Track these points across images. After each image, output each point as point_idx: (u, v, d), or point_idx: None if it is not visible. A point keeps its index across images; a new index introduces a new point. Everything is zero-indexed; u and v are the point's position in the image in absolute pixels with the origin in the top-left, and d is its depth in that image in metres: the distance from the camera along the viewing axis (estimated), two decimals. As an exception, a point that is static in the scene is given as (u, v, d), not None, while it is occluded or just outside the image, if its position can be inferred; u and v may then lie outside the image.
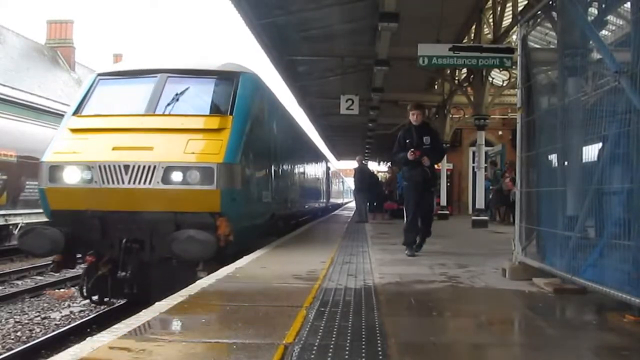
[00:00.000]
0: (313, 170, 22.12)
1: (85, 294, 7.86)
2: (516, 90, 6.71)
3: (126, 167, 7.31)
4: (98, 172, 7.37)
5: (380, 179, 24.56)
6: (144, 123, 7.82)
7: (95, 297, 8.01)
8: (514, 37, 14.04)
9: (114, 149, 7.51)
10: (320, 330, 3.67)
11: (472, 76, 16.97)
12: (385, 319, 4.02)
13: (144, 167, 7.28)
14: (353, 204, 26.17)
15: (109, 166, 7.35)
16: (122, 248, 7.33)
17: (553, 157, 5.45)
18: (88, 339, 3.55)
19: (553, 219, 5.21)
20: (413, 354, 3.33)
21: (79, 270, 9.71)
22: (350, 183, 24.04)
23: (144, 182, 7.27)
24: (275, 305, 4.61)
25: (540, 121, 5.75)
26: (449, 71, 18.83)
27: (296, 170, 15.96)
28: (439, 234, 10.72)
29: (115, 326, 3.78)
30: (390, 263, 7.36)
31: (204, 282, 5.55)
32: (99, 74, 8.98)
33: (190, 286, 5.29)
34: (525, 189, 6.01)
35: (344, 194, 51.07)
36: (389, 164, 39.22)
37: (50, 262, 8.35)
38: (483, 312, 4.69)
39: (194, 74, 8.70)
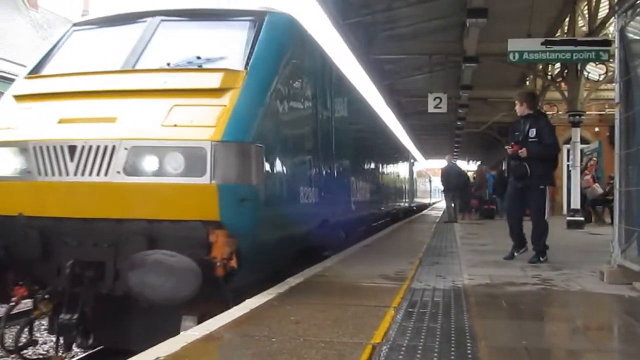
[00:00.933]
0: (392, 166, 18.69)
1: (10, 346, 5.31)
2: (614, 84, 6.40)
3: (72, 148, 4.87)
4: (33, 157, 4.98)
5: (470, 179, 24.07)
6: (110, 83, 5.37)
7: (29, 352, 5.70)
8: (611, 28, 13.41)
9: (60, 121, 5.12)
10: (409, 331, 3.66)
11: (566, 71, 16.33)
12: (476, 321, 3.95)
13: (97, 148, 4.81)
14: (441, 204, 25.62)
15: (48, 148, 4.93)
16: (67, 275, 4.85)
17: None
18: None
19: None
20: (504, 358, 3.26)
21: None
22: (438, 182, 23.17)
23: (97, 173, 4.80)
24: (363, 304, 4.62)
25: (640, 116, 5.47)
26: (541, 66, 18.24)
27: (365, 163, 12.72)
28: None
29: (209, 321, 3.92)
30: (480, 264, 7.21)
31: (293, 280, 5.64)
32: (74, 24, 6.63)
33: (280, 284, 5.37)
34: (624, 187, 5.73)
35: (431, 193, 50.21)
36: (478, 162, 38.47)
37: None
38: (579, 317, 4.51)
39: (197, 16, 6.25)
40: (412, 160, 27.46)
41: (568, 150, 20.08)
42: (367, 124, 13.11)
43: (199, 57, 5.55)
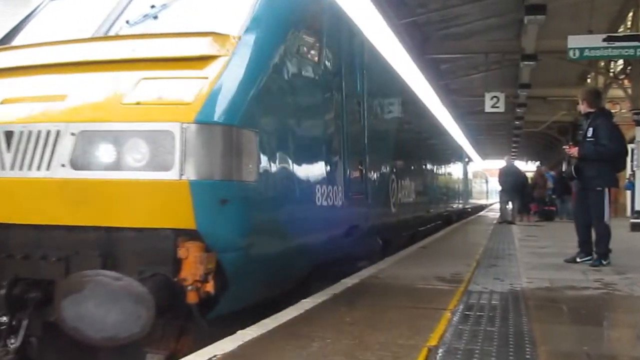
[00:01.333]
0: (444, 165, 17.16)
1: None
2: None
3: (8, 135, 3.90)
4: None
5: (528, 179, 23.54)
6: (69, 54, 4.30)
7: None
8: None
9: (2, 102, 4.14)
10: (465, 335, 3.62)
11: (629, 67, 15.83)
12: (535, 326, 3.87)
13: (38, 134, 3.83)
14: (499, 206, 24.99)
15: None
16: (4, 297, 3.84)
17: None
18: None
19: None
20: (565, 364, 3.19)
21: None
22: (496, 183, 22.38)
23: (38, 166, 3.82)
24: (419, 306, 4.59)
25: None
26: (602, 63, 17.72)
27: (410, 161, 11.00)
28: (593, 237, 10.09)
29: (265, 321, 3.97)
30: (539, 267, 7.05)
31: (348, 281, 5.64)
32: None
33: (335, 285, 5.38)
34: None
35: (488, 194, 49.25)
36: (537, 163, 37.64)
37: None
38: (644, 323, 4.36)
39: None
40: (467, 160, 26.39)
41: (632, 150, 19.47)
42: (414, 117, 11.55)
43: (188, 23, 4.59)
